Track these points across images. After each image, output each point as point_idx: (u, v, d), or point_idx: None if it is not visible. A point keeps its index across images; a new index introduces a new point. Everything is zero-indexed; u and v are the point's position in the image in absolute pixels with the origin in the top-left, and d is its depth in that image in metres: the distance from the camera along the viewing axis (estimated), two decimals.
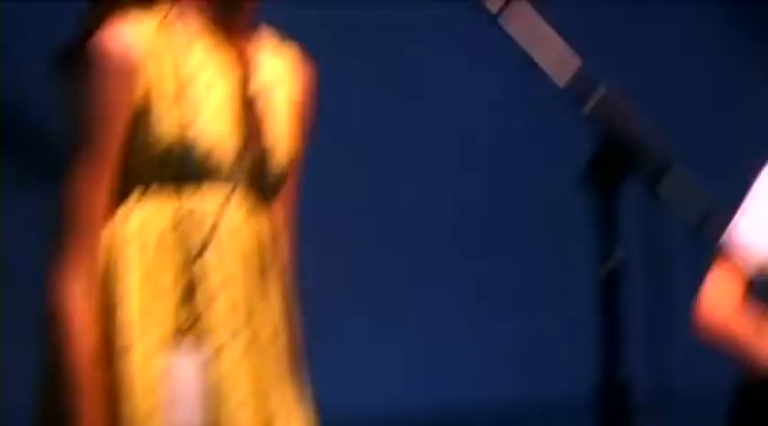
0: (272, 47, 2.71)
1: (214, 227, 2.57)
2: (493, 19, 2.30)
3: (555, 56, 2.31)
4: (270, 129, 2.64)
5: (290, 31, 2.76)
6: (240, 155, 2.60)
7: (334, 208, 5.31)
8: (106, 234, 2.54)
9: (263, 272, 2.63)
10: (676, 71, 6.28)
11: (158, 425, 2.51)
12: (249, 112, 2.64)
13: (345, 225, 5.67)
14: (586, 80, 2.28)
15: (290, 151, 2.68)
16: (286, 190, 2.69)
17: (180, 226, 2.58)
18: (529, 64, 2.33)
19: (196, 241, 2.57)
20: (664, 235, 2.26)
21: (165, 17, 2.59)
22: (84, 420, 2.49)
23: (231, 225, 2.60)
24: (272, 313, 2.63)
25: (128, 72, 2.54)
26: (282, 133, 2.66)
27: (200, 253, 2.57)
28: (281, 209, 2.69)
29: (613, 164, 2.24)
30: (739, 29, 6.46)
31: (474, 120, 5.98)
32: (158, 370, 2.54)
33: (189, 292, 2.57)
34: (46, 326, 2.54)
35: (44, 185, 5.75)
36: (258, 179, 2.63)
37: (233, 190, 2.59)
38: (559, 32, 2.49)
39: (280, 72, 2.71)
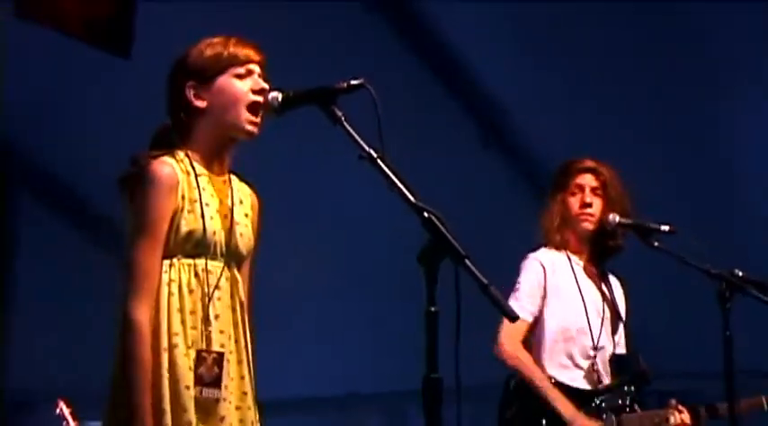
0: (238, 179, 3.08)
1: (216, 284, 2.93)
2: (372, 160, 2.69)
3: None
4: (239, 228, 3.02)
5: None
6: (224, 242, 2.96)
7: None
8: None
9: (235, 310, 2.98)
10: None
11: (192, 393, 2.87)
12: (229, 219, 2.99)
13: None
14: (422, 206, 2.60)
15: (250, 241, 3.05)
16: (247, 263, 3.07)
17: (196, 279, 2.92)
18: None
19: (206, 290, 2.91)
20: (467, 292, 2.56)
21: (182, 159, 2.96)
22: (142, 391, 2.81)
23: (221, 282, 2.95)
24: (242, 334, 2.99)
25: (172, 189, 2.91)
26: (246, 231, 3.04)
27: (210, 297, 2.91)
28: (245, 274, 3.05)
29: (435, 252, 2.58)
30: None
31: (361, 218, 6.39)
32: (190, 361, 2.88)
33: (203, 321, 2.90)
34: (122, 337, 2.84)
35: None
36: (233, 255, 3.00)
37: (222, 262, 2.95)
38: None
39: (244, 195, 3.08)
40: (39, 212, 7.33)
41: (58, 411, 4.83)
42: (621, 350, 4.41)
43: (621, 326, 4.42)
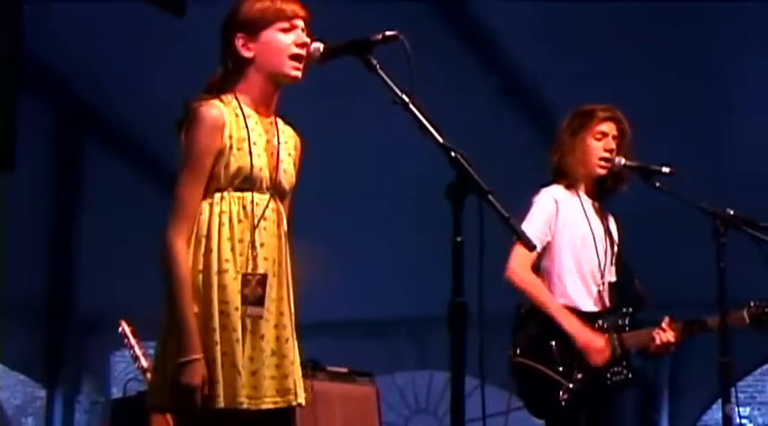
0: (283, 121, 3.10)
1: (262, 215, 2.96)
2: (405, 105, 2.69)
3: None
4: (283, 165, 3.03)
5: None
6: (270, 178, 3.01)
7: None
8: (200, 213, 2.91)
9: (279, 238, 3.01)
10: None
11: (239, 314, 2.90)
12: (275, 156, 3.01)
13: None
14: (450, 146, 2.62)
15: (292, 177, 3.06)
16: (290, 196, 3.09)
17: (244, 210, 2.94)
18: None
19: (254, 219, 2.94)
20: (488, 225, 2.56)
21: (231, 102, 2.99)
22: (184, 304, 2.85)
23: (267, 213, 2.97)
24: (284, 260, 3.01)
25: (217, 128, 2.93)
26: (289, 168, 3.06)
27: (256, 227, 2.94)
28: (286, 207, 3.07)
29: (461, 188, 2.58)
30: None
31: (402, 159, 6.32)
32: (239, 285, 2.90)
33: (249, 247, 2.93)
34: (161, 260, 2.88)
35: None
36: (277, 189, 3.02)
37: (268, 195, 2.99)
38: None
39: (288, 135, 3.10)
40: (104, 156, 7.44)
41: (120, 330, 4.88)
42: (615, 279, 4.43)
43: (615, 258, 4.43)
